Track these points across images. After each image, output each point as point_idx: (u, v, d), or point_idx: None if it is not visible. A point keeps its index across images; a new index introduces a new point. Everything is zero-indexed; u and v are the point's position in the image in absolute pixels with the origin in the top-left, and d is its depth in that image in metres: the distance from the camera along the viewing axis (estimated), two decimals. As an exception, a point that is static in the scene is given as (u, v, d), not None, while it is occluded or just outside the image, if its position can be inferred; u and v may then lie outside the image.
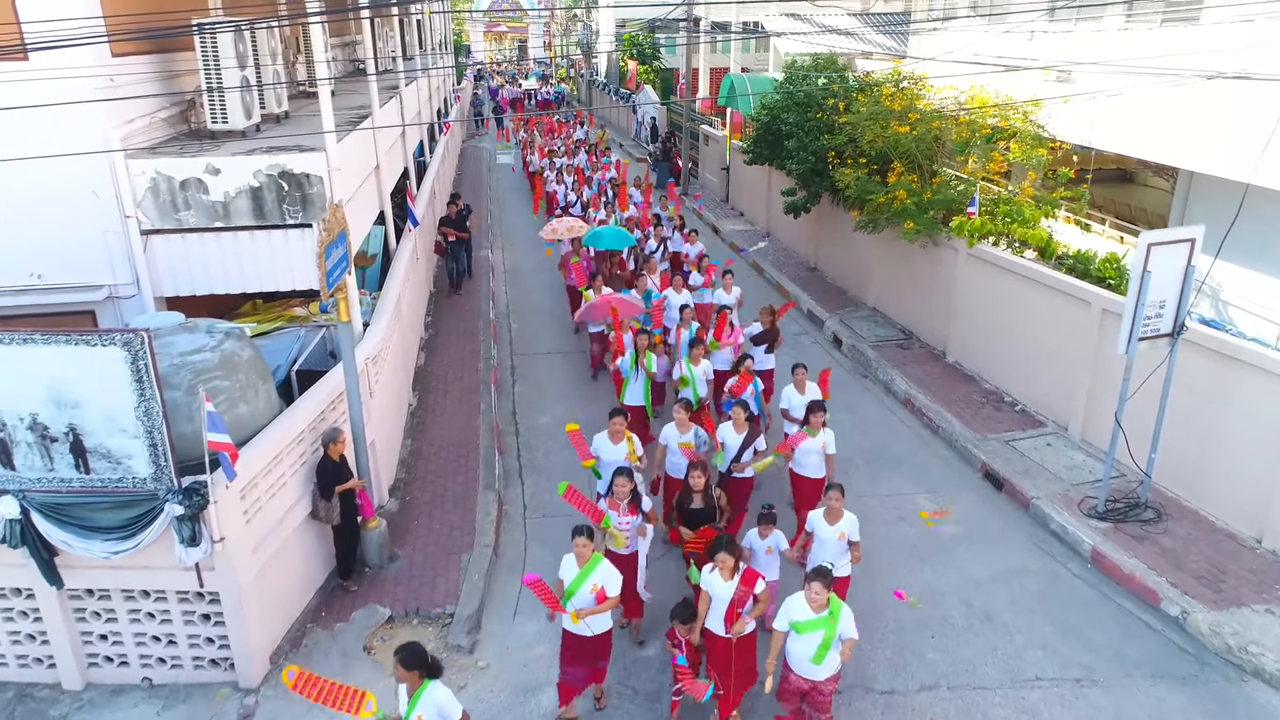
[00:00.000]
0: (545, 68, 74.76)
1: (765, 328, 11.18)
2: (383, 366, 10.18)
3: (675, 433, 8.60)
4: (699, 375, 10.09)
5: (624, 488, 7.28)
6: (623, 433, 8.28)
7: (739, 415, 8.57)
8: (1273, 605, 7.92)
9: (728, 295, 12.65)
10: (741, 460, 8.52)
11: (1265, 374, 8.59)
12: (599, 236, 15.01)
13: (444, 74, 33.14)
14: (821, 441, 8.54)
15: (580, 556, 6.54)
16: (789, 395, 9.46)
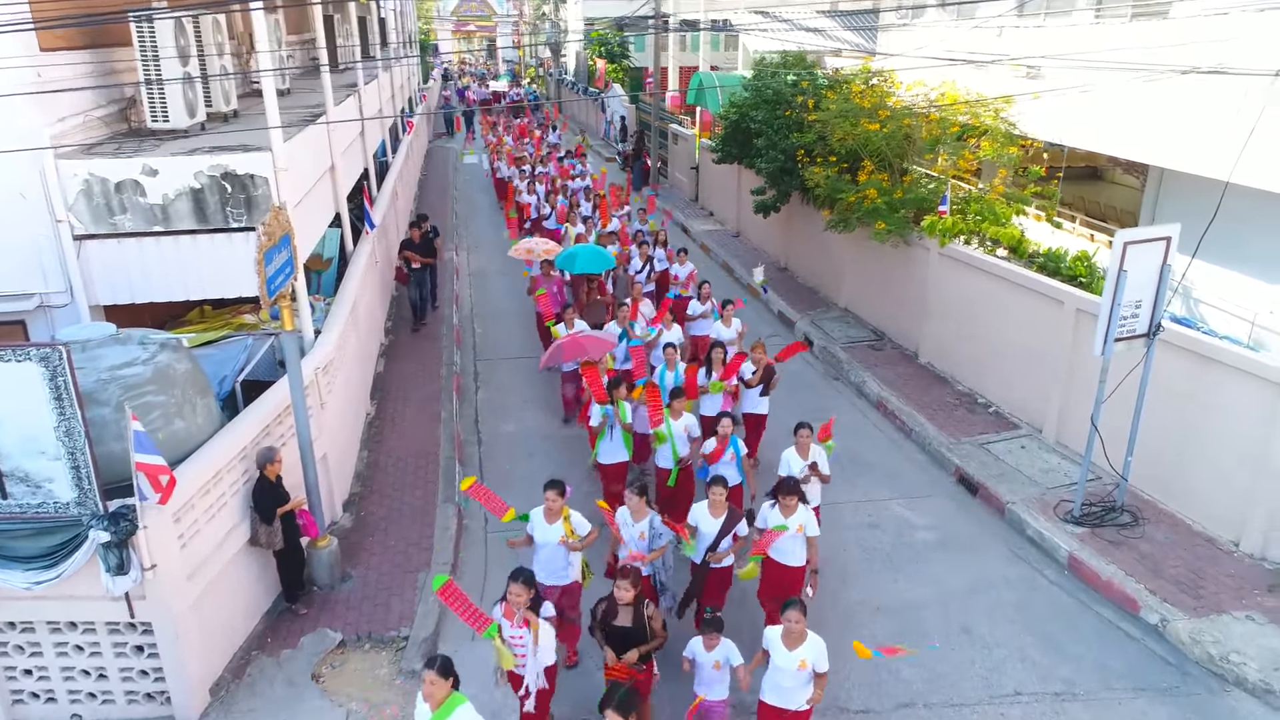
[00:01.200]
0: (514, 66, 74.12)
1: (759, 368, 9.92)
2: (336, 375, 9.74)
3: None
4: (679, 432, 8.63)
5: (519, 596, 5.82)
6: (560, 511, 6.90)
7: (717, 496, 7.11)
8: (1253, 612, 7.73)
9: (727, 329, 11.23)
10: (719, 549, 7.12)
11: (1243, 375, 8.41)
12: (573, 258, 13.29)
13: (408, 72, 32.60)
14: (799, 523, 7.09)
15: None
16: (789, 461, 7.93)
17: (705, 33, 34.51)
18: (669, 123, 29.17)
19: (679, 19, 33.59)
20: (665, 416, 8.55)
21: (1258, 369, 8.33)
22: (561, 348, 10.10)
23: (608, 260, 13.46)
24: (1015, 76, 14.99)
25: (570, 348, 10.04)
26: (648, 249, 14.60)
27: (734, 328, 11.24)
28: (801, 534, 7.14)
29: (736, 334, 11.22)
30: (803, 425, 7.96)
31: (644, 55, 44.36)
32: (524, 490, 10.17)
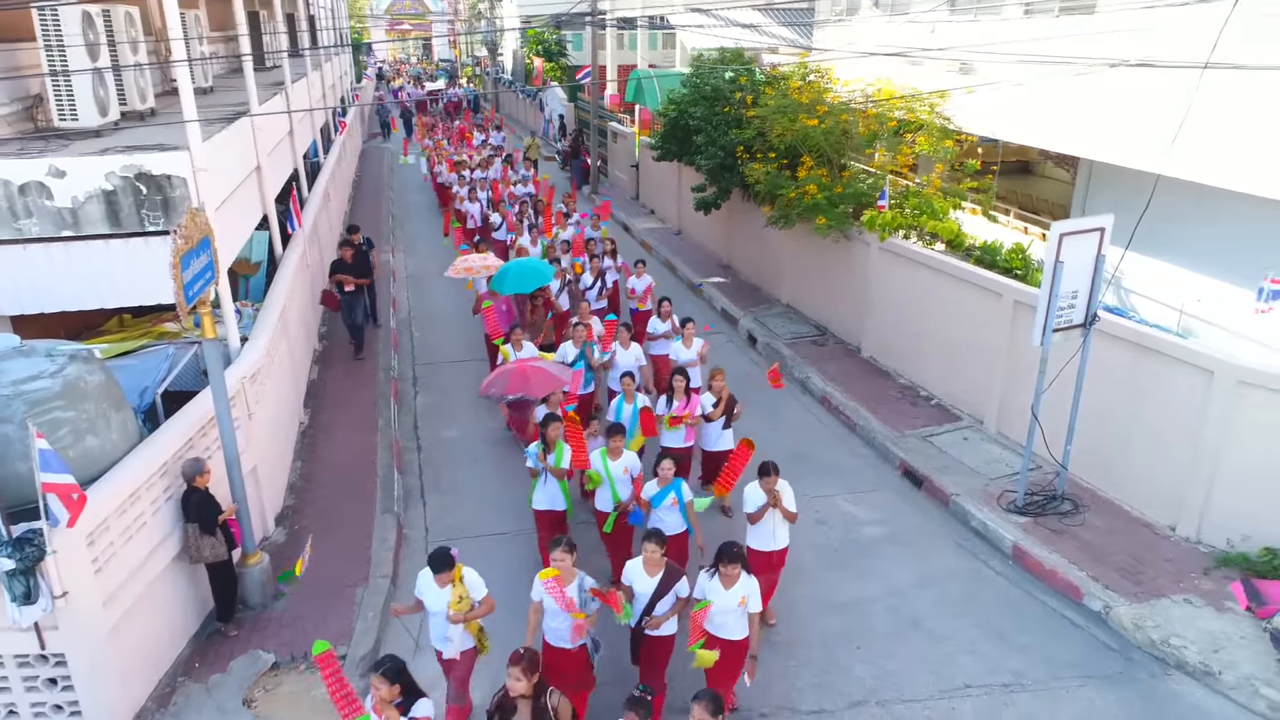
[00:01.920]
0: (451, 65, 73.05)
1: (719, 399, 9.01)
2: (265, 384, 9.34)
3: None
4: (618, 473, 7.76)
5: (381, 691, 5.09)
6: (452, 576, 6.02)
7: (651, 554, 6.16)
8: (1190, 595, 7.85)
9: (687, 350, 10.36)
10: (656, 614, 6.20)
11: (1176, 362, 8.55)
12: (504, 277, 12.07)
13: (340, 71, 31.85)
14: (741, 595, 6.05)
15: None
16: (751, 496, 7.31)
17: (643, 30, 34.44)
18: (608, 121, 28.99)
19: (616, 17, 33.43)
20: (600, 456, 7.80)
21: (1190, 356, 8.48)
22: (507, 377, 9.09)
23: (542, 276, 12.19)
24: (949, 72, 15.17)
25: (515, 379, 9.01)
26: (599, 261, 13.61)
27: (694, 348, 10.39)
28: (743, 608, 6.09)
29: (697, 355, 10.39)
30: (767, 470, 7.14)
31: (582, 54, 44.15)
32: (469, 499, 9.95)
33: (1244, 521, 8.22)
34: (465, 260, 13.17)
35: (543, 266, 12.43)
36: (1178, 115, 8.88)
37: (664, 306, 11.43)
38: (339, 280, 13.52)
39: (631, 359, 10.35)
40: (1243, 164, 10.25)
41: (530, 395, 8.92)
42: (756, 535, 7.38)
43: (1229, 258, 11.73)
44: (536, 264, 12.42)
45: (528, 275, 12.11)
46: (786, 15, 28.52)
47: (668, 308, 11.42)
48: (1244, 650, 7.16)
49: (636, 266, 13.03)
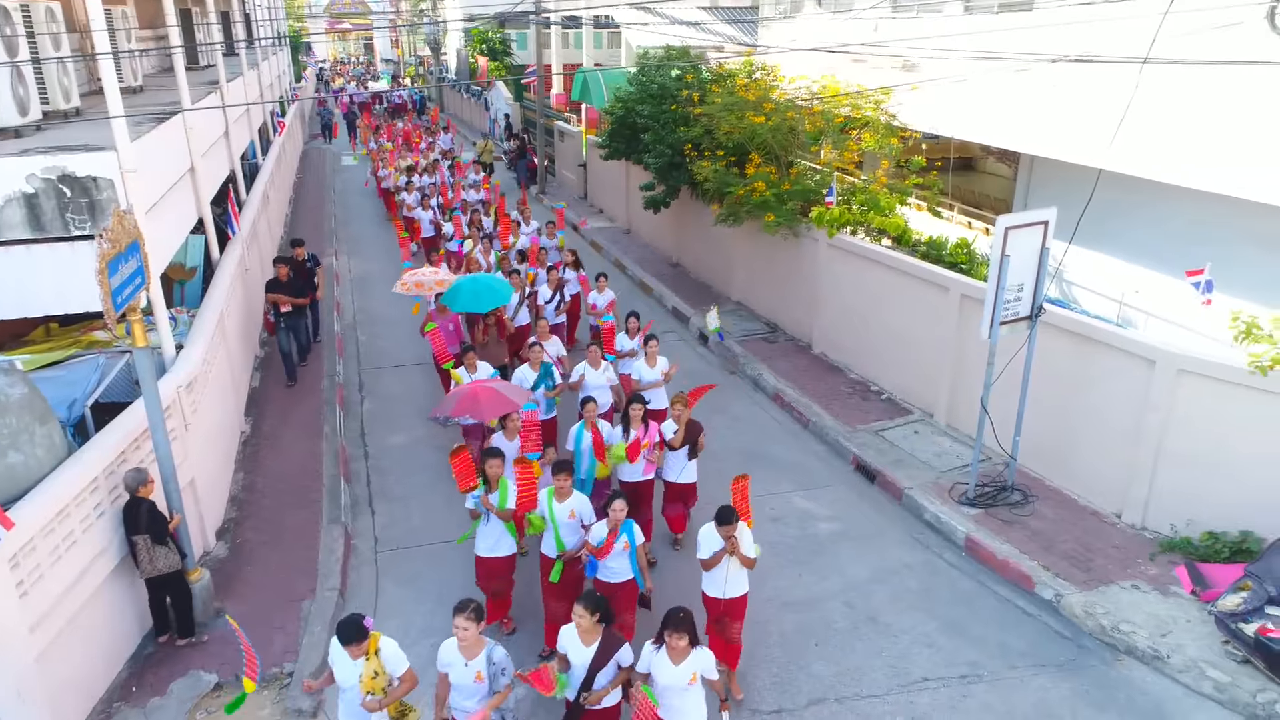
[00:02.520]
0: (394, 66, 71.88)
1: (681, 426, 8.28)
2: (202, 393, 9.00)
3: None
4: (563, 517, 7.00)
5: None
6: (365, 649, 5.30)
7: (581, 618, 5.47)
8: (1138, 581, 7.99)
9: (651, 369, 9.72)
10: (595, 688, 5.55)
11: (1119, 352, 8.71)
12: (456, 293, 10.99)
13: (279, 70, 31.12)
14: (692, 671, 5.37)
15: None
16: (708, 540, 6.57)
17: (588, 29, 34.27)
18: (554, 120, 28.77)
19: (561, 15, 33.21)
20: (545, 497, 7.01)
21: (1132, 346, 8.64)
22: (455, 398, 8.36)
23: (498, 295, 11.04)
24: (893, 69, 15.33)
25: (464, 401, 8.20)
26: (557, 273, 12.70)
27: (659, 368, 9.72)
28: (696, 684, 5.39)
29: (662, 375, 9.72)
30: (727, 518, 6.38)
31: (527, 53, 43.81)
32: (419, 507, 9.71)
33: (1187, 507, 8.39)
34: (415, 275, 11.92)
35: (500, 285, 11.25)
36: (1117, 110, 9.03)
37: (630, 322, 10.60)
38: (274, 301, 12.22)
39: (603, 379, 9.56)
40: (1177, 158, 10.51)
41: (478, 418, 8.14)
42: (710, 581, 6.71)
43: (1164, 250, 12.03)
44: (494, 282, 11.31)
45: (483, 293, 10.96)
46: (730, 13, 28.62)
47: (635, 323, 10.59)
48: (1190, 633, 7.30)
49: (598, 280, 12.37)
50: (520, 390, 8.80)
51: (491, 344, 11.18)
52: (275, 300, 12.21)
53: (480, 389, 8.33)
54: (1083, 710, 6.77)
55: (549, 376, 9.61)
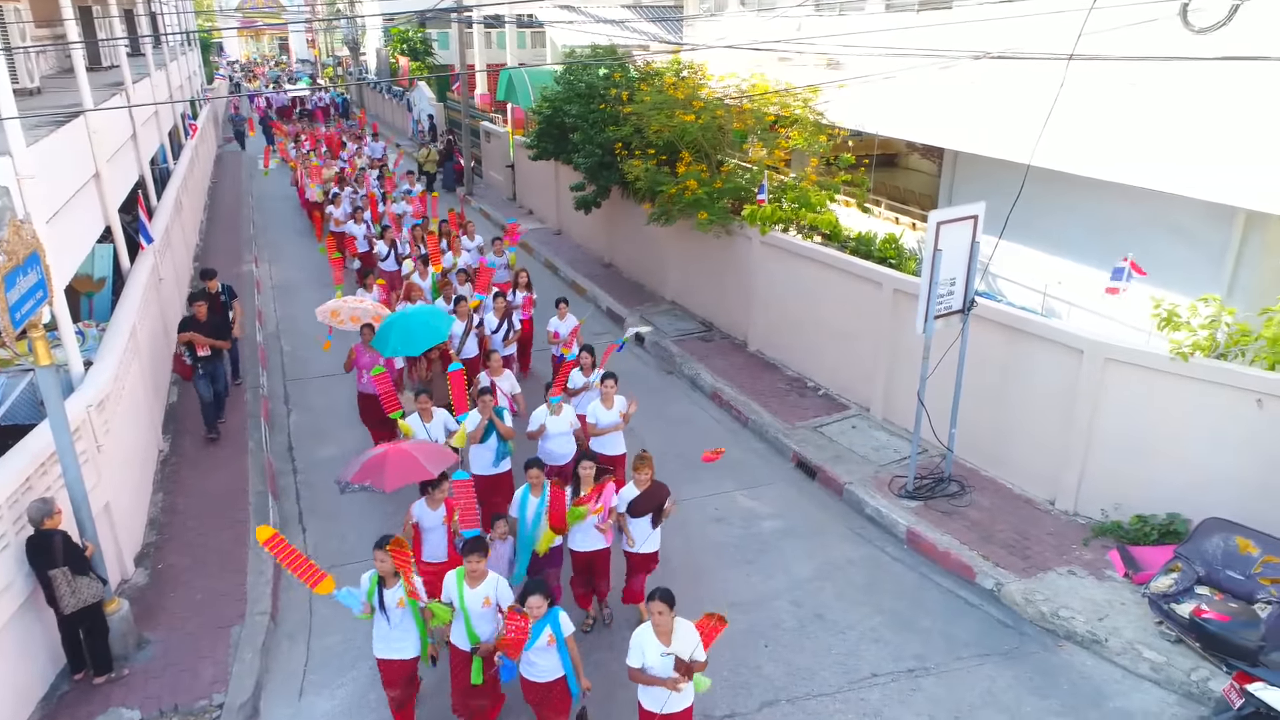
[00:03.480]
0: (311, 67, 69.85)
1: (642, 488, 7.17)
2: (115, 412, 8.50)
3: None
4: (475, 606, 5.99)
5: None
6: None
7: None
8: (1074, 567, 8.17)
9: (607, 410, 8.59)
10: None
11: (1049, 343, 8.89)
12: (388, 333, 9.53)
13: (189, 72, 29.94)
14: None
15: None
16: (643, 645, 5.56)
17: (511, 28, 33.90)
18: (480, 120, 28.34)
19: (483, 14, 32.73)
20: (455, 580, 6.02)
21: (1061, 337, 8.84)
22: (364, 461, 6.92)
23: (436, 330, 9.69)
24: (818, 66, 15.47)
25: (368, 466, 6.84)
26: (505, 300, 11.30)
27: (617, 409, 8.64)
28: None
29: (620, 416, 8.64)
30: (657, 597, 5.53)
31: (449, 53, 43.10)
32: (353, 523, 9.37)
33: (1116, 492, 8.62)
34: (344, 304, 10.56)
35: (437, 319, 9.85)
36: (1036, 106, 9.22)
37: (583, 357, 9.44)
38: (189, 341, 10.55)
39: (566, 424, 8.50)
40: (1095, 153, 10.82)
41: (380, 488, 6.72)
42: (648, 695, 5.72)
43: (1083, 241, 12.39)
44: (429, 315, 9.85)
45: (417, 331, 9.54)
46: (655, 12, 28.62)
47: (588, 358, 9.43)
48: (1125, 616, 7.48)
49: (558, 306, 11.10)
50: (442, 454, 7.27)
51: (436, 383, 9.94)
52: (191, 341, 10.54)
53: (394, 451, 6.95)
54: (1027, 698, 6.87)
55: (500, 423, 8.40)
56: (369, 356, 9.84)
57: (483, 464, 8.43)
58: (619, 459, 8.78)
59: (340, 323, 10.50)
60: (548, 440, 8.50)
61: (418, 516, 7.18)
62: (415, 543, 7.16)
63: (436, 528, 7.19)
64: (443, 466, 7.05)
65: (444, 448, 7.51)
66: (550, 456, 8.51)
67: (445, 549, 7.29)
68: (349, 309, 10.53)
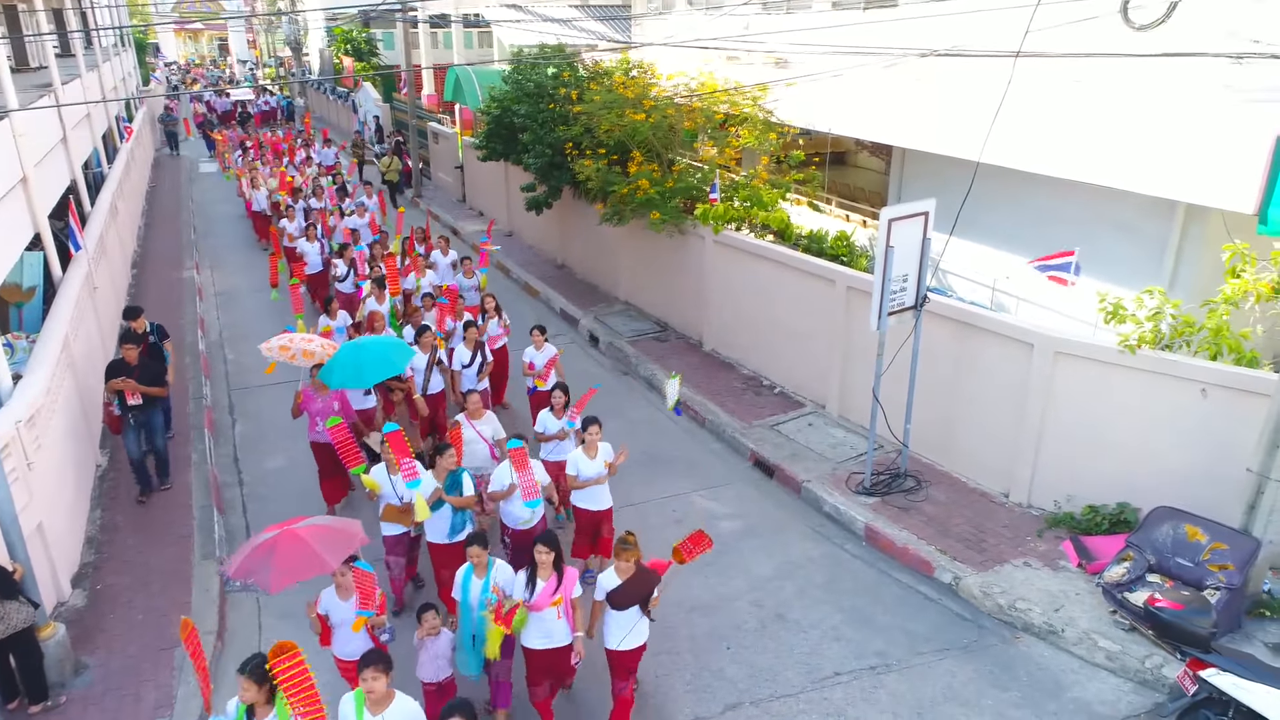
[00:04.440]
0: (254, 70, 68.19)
1: (626, 576, 6.00)
2: (47, 427, 8.14)
3: None
4: None
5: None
6: None
7: None
8: (1029, 559, 8.26)
9: (590, 460, 7.56)
10: None
11: (1000, 338, 8.99)
12: (334, 364, 8.59)
13: (123, 73, 29.04)
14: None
15: None
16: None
17: (458, 27, 33.52)
18: (428, 121, 27.95)
19: (428, 14, 32.31)
20: (354, 706, 5.00)
21: (1012, 331, 8.94)
22: (271, 555, 5.59)
23: (391, 362, 8.73)
24: (766, 65, 15.50)
25: (252, 556, 5.65)
26: (477, 330, 10.16)
27: (601, 458, 7.57)
28: None
29: (605, 467, 7.58)
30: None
31: (394, 53, 42.44)
32: (299, 533, 9.08)
33: (1068, 483, 8.74)
34: (293, 340, 9.40)
35: (394, 349, 8.87)
36: (984, 102, 9.32)
37: (556, 397, 8.40)
38: (118, 389, 9.16)
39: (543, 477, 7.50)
40: (1040, 149, 10.97)
41: (262, 587, 5.54)
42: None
43: (1029, 237, 12.56)
44: (385, 346, 8.85)
45: (368, 364, 8.52)
46: (602, 11, 28.51)
47: (563, 397, 8.38)
48: (1080, 606, 7.57)
49: (534, 334, 10.08)
50: (348, 537, 6.08)
51: (401, 422, 8.89)
52: (121, 389, 9.13)
53: (285, 539, 5.71)
54: (987, 690, 6.91)
55: (457, 489, 7.20)
56: (320, 402, 8.75)
57: (438, 532, 7.34)
58: (605, 514, 7.83)
59: (290, 358, 9.28)
60: (510, 504, 7.38)
61: (325, 607, 6.08)
62: (324, 637, 6.15)
63: (350, 620, 6.03)
64: (348, 552, 5.96)
65: (353, 527, 6.23)
66: (515, 519, 7.44)
67: (364, 642, 6.04)
68: (299, 345, 9.28)
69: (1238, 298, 8.12)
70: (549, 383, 9.69)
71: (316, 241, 15.27)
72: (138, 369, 9.22)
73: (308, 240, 15.29)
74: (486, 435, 8.33)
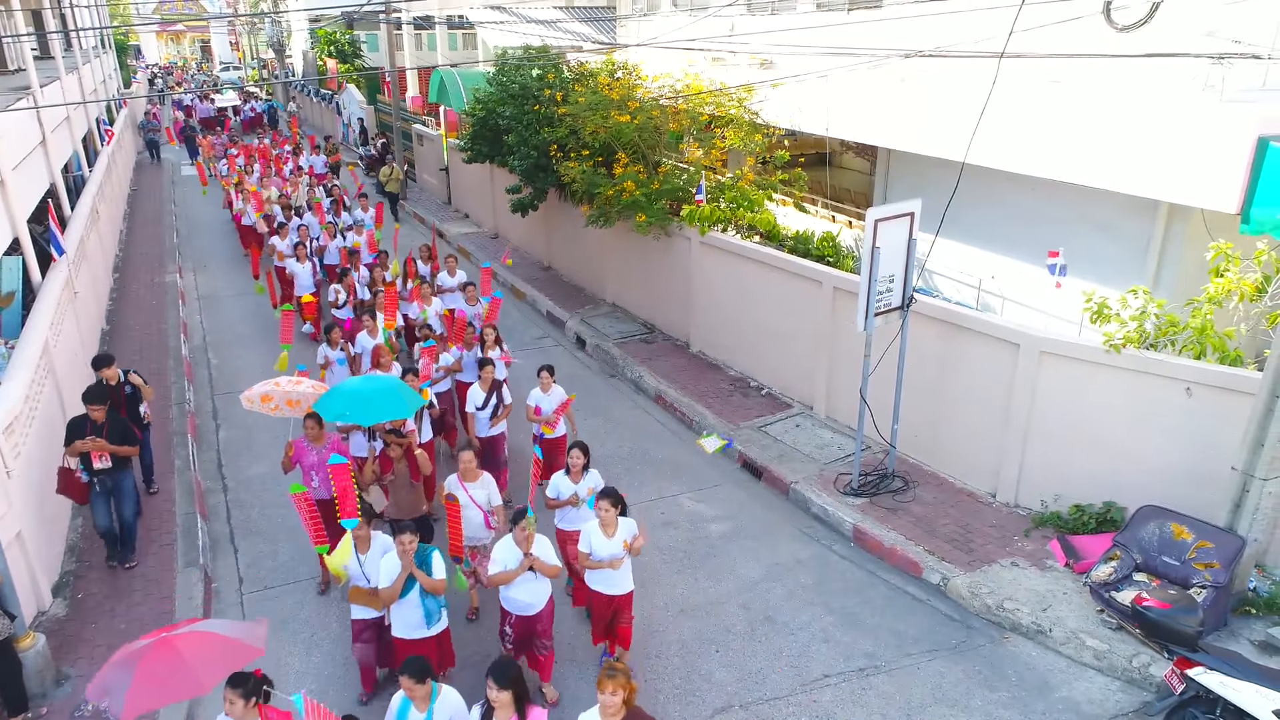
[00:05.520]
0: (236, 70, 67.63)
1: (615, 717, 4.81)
2: (26, 434, 8.03)
3: None
4: None
5: None
6: None
7: None
8: (1016, 558, 8.27)
9: (608, 539, 6.44)
10: None
11: (986, 338, 9.00)
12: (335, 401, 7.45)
13: (104, 75, 28.77)
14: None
15: None
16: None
17: (442, 29, 33.41)
18: (412, 123, 27.83)
19: (412, 16, 32.18)
20: None
21: (998, 331, 8.96)
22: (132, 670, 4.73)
23: (399, 404, 7.38)
24: (750, 66, 15.50)
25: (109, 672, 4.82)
26: (492, 370, 8.99)
27: (621, 536, 6.46)
28: None
29: (624, 546, 6.50)
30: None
31: (379, 56, 42.25)
32: (287, 541, 9.03)
33: (1054, 483, 8.76)
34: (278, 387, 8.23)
35: (403, 389, 7.67)
36: (968, 103, 9.34)
37: (574, 456, 7.24)
38: (82, 452, 7.92)
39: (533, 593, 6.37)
40: (1024, 149, 11.00)
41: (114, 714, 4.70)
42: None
43: (1013, 236, 12.61)
44: (393, 383, 7.79)
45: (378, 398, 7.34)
46: (586, 12, 28.47)
47: (580, 458, 7.22)
48: (1067, 605, 7.59)
49: (541, 375, 8.81)
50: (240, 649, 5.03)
51: (400, 485, 7.65)
52: (84, 451, 7.92)
53: (155, 650, 4.82)
54: (976, 691, 6.91)
55: (425, 568, 6.15)
56: (316, 454, 7.65)
57: (406, 626, 6.25)
58: (625, 600, 6.74)
59: (274, 410, 8.12)
60: (513, 587, 6.30)
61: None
62: None
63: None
64: (235, 669, 4.91)
65: (253, 635, 5.18)
66: (517, 605, 6.39)
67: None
68: (284, 392, 8.15)
69: (1221, 297, 8.16)
70: (557, 430, 8.81)
71: (308, 261, 14.36)
72: (106, 427, 8.03)
73: (298, 260, 14.32)
74: (480, 501, 7.24)
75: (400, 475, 7.62)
